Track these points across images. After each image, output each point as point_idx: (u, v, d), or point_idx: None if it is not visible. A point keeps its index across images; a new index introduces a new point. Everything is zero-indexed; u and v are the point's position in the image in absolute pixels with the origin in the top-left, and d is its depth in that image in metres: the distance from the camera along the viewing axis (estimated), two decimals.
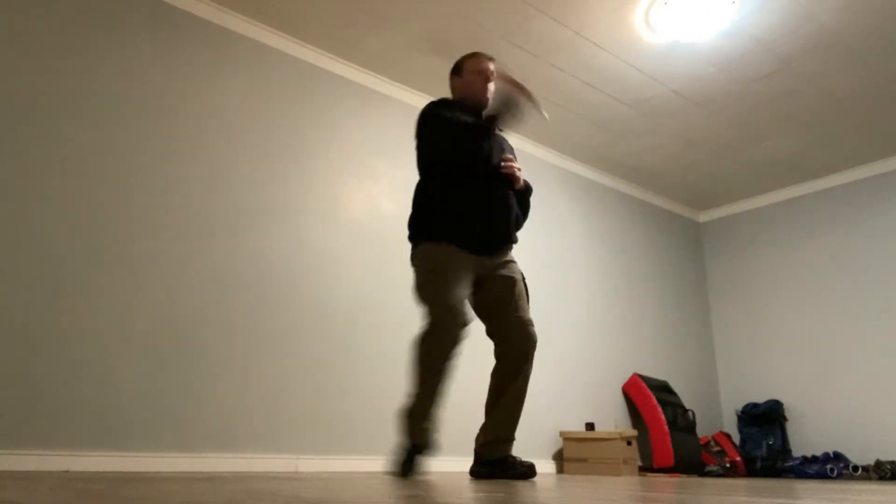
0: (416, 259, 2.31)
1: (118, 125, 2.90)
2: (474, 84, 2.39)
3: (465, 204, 2.27)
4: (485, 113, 2.34)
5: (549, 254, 4.54)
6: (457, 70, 2.47)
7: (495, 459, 2.27)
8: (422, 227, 2.32)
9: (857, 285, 4.93)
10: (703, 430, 5.14)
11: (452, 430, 3.60)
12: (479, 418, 2.35)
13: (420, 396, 2.17)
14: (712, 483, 2.56)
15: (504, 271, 2.33)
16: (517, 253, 2.50)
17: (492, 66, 2.42)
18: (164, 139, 3.02)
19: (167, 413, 2.74)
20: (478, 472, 2.31)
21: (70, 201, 2.70)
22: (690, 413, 4.71)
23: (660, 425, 4.37)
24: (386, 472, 2.17)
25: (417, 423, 2.17)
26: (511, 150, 2.50)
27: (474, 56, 2.44)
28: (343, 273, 3.45)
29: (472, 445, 2.38)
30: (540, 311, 4.34)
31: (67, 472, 2.30)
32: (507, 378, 2.29)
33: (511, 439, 2.29)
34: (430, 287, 2.22)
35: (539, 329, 2.38)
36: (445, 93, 4.00)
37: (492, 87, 2.39)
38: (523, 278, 2.39)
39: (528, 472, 2.23)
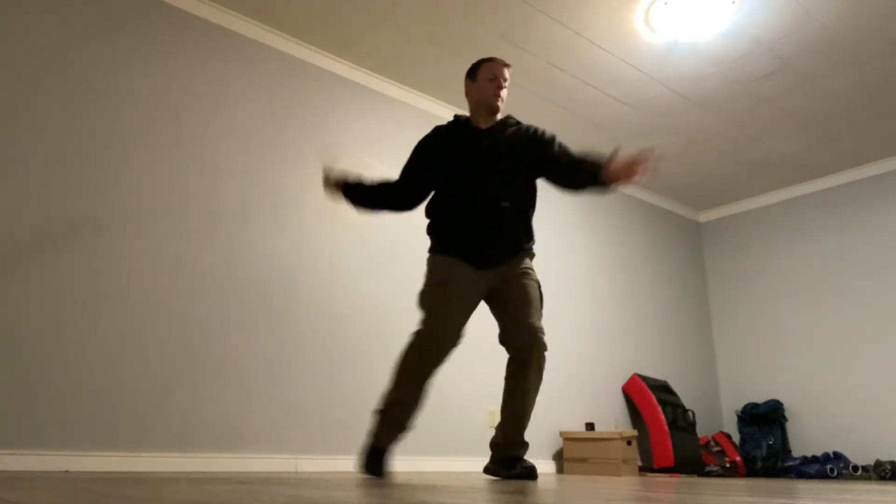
0: (426, 267, 2.39)
1: (119, 126, 2.90)
2: (486, 90, 2.40)
3: (456, 220, 2.33)
4: None
5: (550, 253, 4.54)
6: (471, 73, 2.47)
7: (502, 458, 2.31)
8: (430, 237, 2.41)
9: (857, 285, 4.93)
10: (703, 430, 5.15)
11: (453, 431, 3.60)
12: (479, 420, 2.36)
13: (393, 402, 2.22)
14: (712, 483, 2.56)
15: (517, 278, 2.33)
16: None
17: (506, 73, 2.43)
18: (164, 139, 3.02)
19: (167, 413, 2.74)
20: (488, 468, 2.36)
21: (68, 200, 2.70)
22: (690, 413, 4.71)
23: (660, 425, 4.37)
24: (356, 472, 2.20)
25: (386, 427, 2.22)
26: (532, 140, 2.40)
27: (490, 61, 2.44)
28: (342, 272, 3.45)
29: (474, 447, 2.38)
30: None
31: (67, 472, 2.30)
32: (513, 381, 2.30)
33: (518, 442, 2.30)
34: (430, 298, 2.28)
35: None
36: (444, 91, 4.04)
37: (503, 93, 2.41)
38: (539, 286, 2.38)
39: (527, 473, 2.24)
